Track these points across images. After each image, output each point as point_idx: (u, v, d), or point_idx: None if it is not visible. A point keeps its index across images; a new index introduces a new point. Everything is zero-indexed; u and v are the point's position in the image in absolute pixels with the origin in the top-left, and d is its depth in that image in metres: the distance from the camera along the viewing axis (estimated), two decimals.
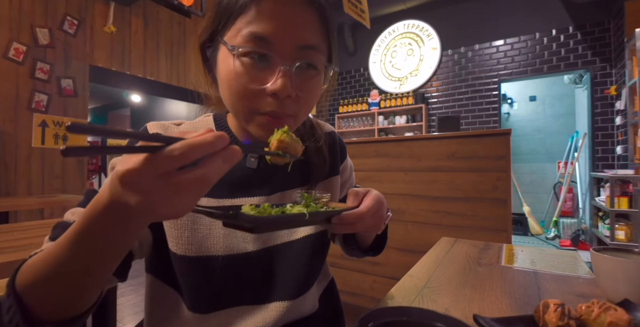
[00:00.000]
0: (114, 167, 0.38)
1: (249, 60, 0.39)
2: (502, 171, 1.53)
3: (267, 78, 0.39)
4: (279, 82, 0.39)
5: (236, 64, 0.39)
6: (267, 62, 0.39)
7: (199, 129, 0.43)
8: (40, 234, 0.94)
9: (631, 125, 2.95)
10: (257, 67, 0.39)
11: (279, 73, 0.39)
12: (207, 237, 0.44)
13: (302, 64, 0.40)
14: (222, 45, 0.41)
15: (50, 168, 2.54)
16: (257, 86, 0.39)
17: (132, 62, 3.11)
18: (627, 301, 0.44)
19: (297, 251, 0.50)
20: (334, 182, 0.55)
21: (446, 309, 0.47)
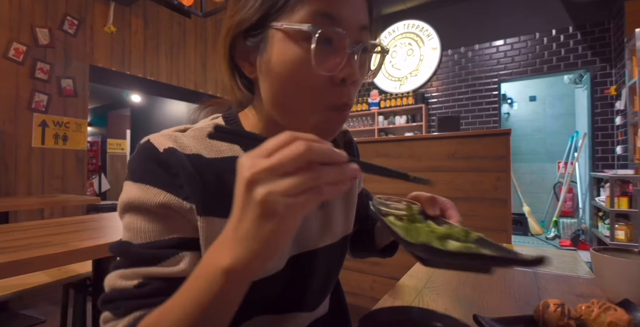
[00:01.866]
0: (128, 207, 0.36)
1: (315, 43, 0.33)
2: (502, 171, 1.53)
3: (335, 63, 0.35)
4: (347, 66, 0.35)
5: (303, 51, 0.34)
6: (332, 45, 0.35)
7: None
8: (40, 234, 0.94)
9: (631, 125, 2.95)
10: (324, 51, 0.34)
11: (346, 58, 0.35)
12: None
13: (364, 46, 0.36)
14: (277, 30, 0.35)
15: (50, 168, 2.54)
16: (328, 73, 0.34)
17: (132, 62, 3.11)
18: (627, 301, 0.44)
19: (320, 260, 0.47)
20: (353, 184, 0.53)
21: (446, 309, 0.47)
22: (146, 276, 0.34)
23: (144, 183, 0.35)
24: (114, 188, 6.49)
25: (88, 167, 3.38)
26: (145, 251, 0.34)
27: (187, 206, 0.36)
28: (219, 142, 0.40)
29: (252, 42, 0.38)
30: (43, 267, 0.72)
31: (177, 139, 0.39)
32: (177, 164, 0.36)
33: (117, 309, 0.33)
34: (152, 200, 0.35)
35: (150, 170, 0.36)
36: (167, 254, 0.35)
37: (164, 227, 0.35)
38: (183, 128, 0.43)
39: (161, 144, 0.37)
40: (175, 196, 0.35)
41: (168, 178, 0.36)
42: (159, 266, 0.34)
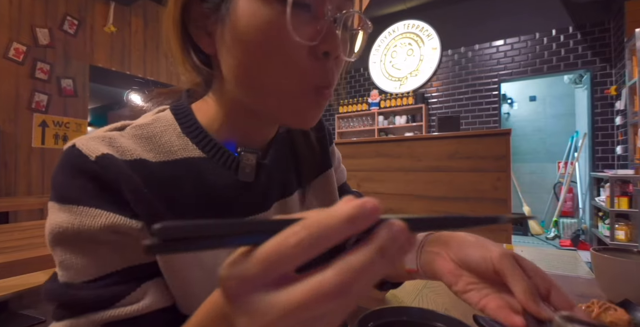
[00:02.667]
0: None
1: (289, 8, 0.27)
2: (502, 171, 1.53)
3: (313, 31, 0.28)
4: (330, 37, 0.28)
5: (276, 13, 0.27)
6: (310, 10, 0.28)
7: (156, 132, 0.32)
8: (40, 234, 0.94)
9: (631, 125, 2.95)
10: (301, 18, 0.28)
11: (327, 25, 0.28)
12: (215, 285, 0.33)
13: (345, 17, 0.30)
14: None
15: (50, 168, 2.54)
16: (306, 41, 0.28)
17: (132, 62, 3.11)
18: (626, 301, 0.44)
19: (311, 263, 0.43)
20: (329, 176, 0.47)
21: (446, 309, 0.47)
22: (105, 322, 0.26)
23: (75, 204, 0.27)
24: None
25: None
26: (94, 291, 0.26)
27: (137, 225, 0.28)
28: (168, 140, 0.32)
29: (211, 3, 0.30)
30: (43, 267, 0.72)
31: (112, 142, 0.30)
32: (116, 175, 0.28)
33: None
34: (92, 224, 0.26)
35: (80, 186, 0.27)
36: (126, 290, 0.27)
37: (112, 256, 0.28)
38: (120, 126, 0.34)
39: (92, 151, 0.28)
40: (120, 215, 0.27)
41: (106, 194, 0.28)
42: (118, 306, 0.27)
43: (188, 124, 0.34)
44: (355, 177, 1.92)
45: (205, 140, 0.34)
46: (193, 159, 0.33)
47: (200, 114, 0.35)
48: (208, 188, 0.33)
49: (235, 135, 0.35)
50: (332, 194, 0.47)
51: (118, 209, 0.28)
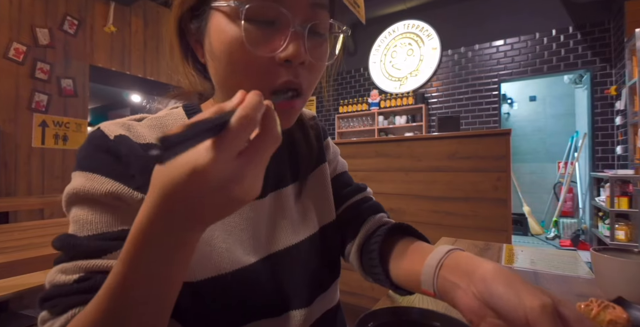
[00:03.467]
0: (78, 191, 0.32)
1: (255, 23, 0.32)
2: (502, 171, 1.53)
3: (276, 44, 0.32)
4: (291, 46, 0.32)
5: (238, 29, 0.32)
6: (275, 24, 0.33)
7: (168, 123, 0.39)
8: (40, 234, 0.94)
9: (631, 125, 2.95)
10: (264, 31, 0.32)
11: (290, 36, 0.32)
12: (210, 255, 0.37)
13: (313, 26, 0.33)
14: (216, 11, 0.33)
15: (50, 168, 2.54)
16: (267, 53, 0.32)
17: (132, 62, 3.11)
18: (621, 299, 0.44)
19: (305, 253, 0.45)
20: (323, 170, 0.51)
21: (446, 309, 0.47)
22: (88, 269, 0.30)
23: (90, 172, 0.33)
24: None
25: None
26: (91, 243, 0.31)
27: (138, 196, 0.33)
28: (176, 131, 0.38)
29: (196, 23, 0.36)
30: (43, 267, 0.72)
31: (130, 128, 0.36)
32: (128, 153, 0.34)
33: (54, 307, 0.29)
34: (99, 189, 0.32)
35: (98, 158, 0.34)
36: (115, 245, 0.31)
37: (112, 218, 0.33)
38: (139, 117, 0.40)
39: (112, 132, 0.35)
40: (125, 186, 0.33)
41: (117, 167, 0.33)
42: (103, 258, 0.31)
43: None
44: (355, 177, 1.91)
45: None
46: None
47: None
48: None
49: None
50: (326, 186, 0.50)
51: (124, 180, 0.33)
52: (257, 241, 0.42)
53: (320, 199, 0.50)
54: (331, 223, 0.50)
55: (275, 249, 0.44)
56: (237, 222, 0.41)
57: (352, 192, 0.54)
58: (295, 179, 0.48)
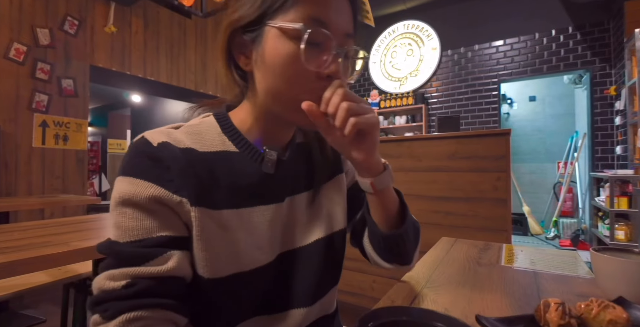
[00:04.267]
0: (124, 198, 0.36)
1: (304, 41, 0.38)
2: (502, 171, 1.53)
3: (321, 61, 0.39)
4: (333, 65, 0.39)
5: (295, 47, 0.38)
6: (320, 47, 0.40)
7: (203, 133, 0.43)
8: (40, 234, 0.94)
9: (630, 125, 2.95)
10: (313, 50, 0.39)
11: (332, 56, 0.40)
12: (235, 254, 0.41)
13: (346, 51, 0.41)
14: (273, 28, 0.39)
15: (50, 168, 2.54)
16: (314, 69, 0.39)
17: (133, 62, 3.11)
18: (621, 298, 0.44)
19: (310, 255, 0.48)
20: (339, 180, 0.54)
21: (446, 309, 0.47)
22: (134, 275, 0.34)
23: (134, 177, 0.37)
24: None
25: (88, 167, 3.38)
26: (133, 249, 0.35)
27: (177, 199, 0.37)
28: (211, 137, 0.43)
29: (250, 36, 0.42)
30: (43, 267, 0.72)
31: (170, 135, 0.41)
32: (169, 158, 0.38)
33: (105, 312, 0.33)
34: (142, 193, 0.36)
35: (141, 164, 0.37)
36: (156, 252, 0.35)
37: (152, 224, 0.36)
38: (176, 125, 0.45)
39: (155, 139, 0.39)
40: (165, 189, 0.37)
41: (159, 171, 0.37)
42: (146, 265, 0.34)
43: (226, 126, 0.45)
44: None
45: (238, 138, 0.44)
46: (228, 152, 0.43)
47: (235, 119, 0.46)
48: (238, 175, 0.43)
49: (260, 135, 0.46)
50: (341, 195, 0.54)
51: (165, 184, 0.37)
52: (274, 241, 0.46)
53: (332, 208, 0.53)
54: (340, 231, 0.53)
55: (285, 249, 0.47)
56: (261, 223, 0.44)
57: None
58: (310, 187, 0.51)
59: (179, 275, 0.36)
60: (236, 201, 0.42)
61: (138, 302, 0.33)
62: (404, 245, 0.50)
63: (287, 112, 0.42)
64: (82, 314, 1.33)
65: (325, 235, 0.50)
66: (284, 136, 0.48)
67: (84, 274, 1.26)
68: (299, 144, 0.52)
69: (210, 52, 3.89)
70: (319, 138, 0.54)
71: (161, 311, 0.34)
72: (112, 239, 0.37)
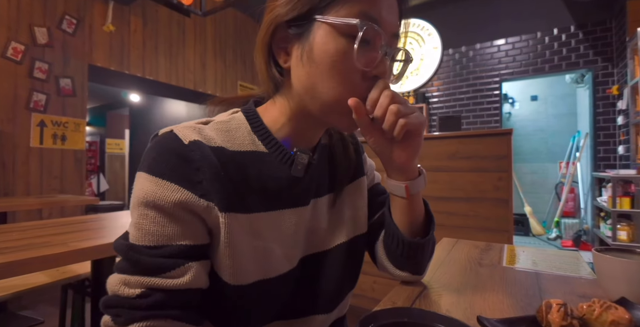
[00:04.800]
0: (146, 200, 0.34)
1: (359, 39, 0.36)
2: (503, 171, 1.52)
3: (371, 60, 0.38)
4: (381, 65, 0.38)
5: (346, 43, 0.36)
6: (369, 45, 0.38)
7: (232, 130, 0.42)
8: (38, 234, 0.93)
9: (633, 125, 2.94)
10: (364, 48, 0.37)
11: (381, 56, 0.38)
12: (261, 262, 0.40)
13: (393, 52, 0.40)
14: (323, 23, 0.37)
15: (48, 168, 2.54)
16: (365, 67, 0.37)
17: (131, 62, 3.10)
18: (623, 299, 0.43)
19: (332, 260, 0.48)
20: (361, 183, 0.54)
21: (447, 310, 0.46)
22: (150, 286, 0.33)
23: (162, 178, 0.35)
24: (112, 188, 6.49)
25: (87, 167, 3.38)
26: (151, 259, 0.34)
27: (204, 203, 0.35)
28: (241, 135, 0.42)
29: (295, 31, 0.39)
30: (42, 268, 0.72)
31: (201, 131, 0.39)
32: (201, 158, 0.36)
33: (118, 317, 0.33)
34: (168, 197, 0.34)
35: (170, 163, 0.35)
36: (173, 264, 0.34)
37: (174, 231, 0.35)
38: (205, 121, 0.43)
39: (186, 136, 0.37)
40: (192, 193, 0.35)
41: (188, 172, 0.35)
42: (163, 276, 0.34)
43: (256, 124, 0.43)
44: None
45: (269, 138, 0.42)
46: (258, 152, 0.42)
47: (265, 116, 0.44)
48: (267, 177, 0.41)
49: (291, 136, 0.44)
50: (362, 198, 0.53)
51: (192, 187, 0.35)
52: (298, 246, 0.45)
53: (354, 211, 0.52)
54: (362, 235, 0.52)
55: (308, 252, 0.47)
56: (288, 227, 0.43)
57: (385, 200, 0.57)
58: (332, 189, 0.50)
59: (194, 287, 0.36)
60: (265, 204, 0.41)
61: (151, 313, 0.33)
62: (422, 254, 0.49)
63: (325, 112, 0.40)
64: (80, 315, 1.33)
65: (347, 239, 0.50)
66: (314, 137, 0.47)
67: (83, 275, 1.25)
68: (323, 145, 0.50)
69: (210, 51, 3.89)
70: (343, 139, 0.53)
71: (172, 322, 0.34)
72: (130, 239, 0.35)
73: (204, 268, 0.37)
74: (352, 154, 0.54)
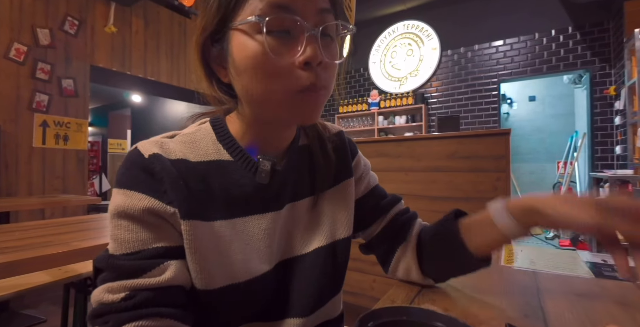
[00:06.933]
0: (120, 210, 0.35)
1: (273, 34, 0.35)
2: (501, 171, 1.53)
3: (295, 50, 0.36)
4: (308, 49, 0.35)
5: (259, 43, 0.35)
6: (291, 33, 0.36)
7: (197, 141, 0.42)
8: (41, 233, 0.94)
9: (630, 125, 2.95)
10: (283, 40, 0.36)
11: (306, 40, 0.35)
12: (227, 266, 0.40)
13: (323, 28, 0.37)
14: (235, 31, 0.37)
15: (51, 168, 2.55)
16: (288, 60, 0.35)
17: (133, 63, 3.11)
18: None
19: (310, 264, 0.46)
20: (347, 185, 0.52)
21: (446, 309, 0.47)
22: (132, 288, 0.34)
23: (128, 189, 0.36)
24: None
25: (89, 167, 3.38)
26: (130, 262, 0.34)
27: (170, 210, 0.36)
28: (205, 145, 0.42)
29: (218, 46, 0.39)
30: (44, 267, 0.72)
31: (163, 145, 0.39)
32: (161, 170, 0.37)
33: (106, 324, 0.33)
34: (137, 205, 0.35)
35: (135, 176, 0.37)
36: (152, 264, 0.35)
37: (148, 236, 0.36)
38: (171, 134, 0.43)
39: (147, 151, 0.38)
40: (159, 200, 0.36)
41: (152, 183, 0.36)
42: (144, 276, 0.34)
43: (222, 133, 0.43)
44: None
45: (234, 147, 0.43)
46: (223, 161, 0.42)
47: (231, 126, 0.44)
48: (232, 184, 0.41)
49: (256, 143, 0.44)
50: (346, 203, 0.51)
51: (158, 195, 0.36)
52: (271, 250, 0.44)
53: (337, 214, 0.50)
54: (343, 240, 0.50)
55: (285, 257, 0.46)
56: (256, 233, 0.43)
57: (390, 203, 0.57)
58: (312, 192, 0.49)
59: (177, 284, 0.36)
60: (230, 212, 0.41)
61: (138, 313, 0.33)
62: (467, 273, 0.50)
63: (273, 113, 0.39)
64: (82, 314, 1.33)
65: (326, 243, 0.48)
66: (281, 141, 0.46)
67: (85, 274, 1.26)
68: (301, 147, 0.49)
69: None
70: (320, 138, 0.51)
71: (161, 320, 0.34)
72: (109, 251, 0.36)
73: (184, 266, 0.37)
74: (330, 153, 0.51)
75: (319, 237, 0.48)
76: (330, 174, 0.50)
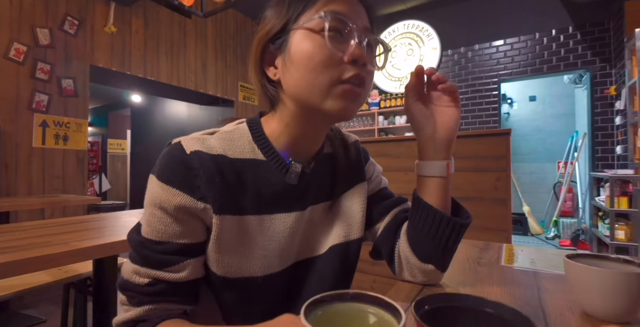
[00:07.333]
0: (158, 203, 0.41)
1: (329, 34, 0.41)
2: (502, 170, 1.53)
3: (346, 47, 0.42)
4: (357, 49, 0.42)
5: (320, 37, 0.41)
6: (343, 36, 0.42)
7: (235, 140, 0.46)
8: (40, 234, 0.94)
9: (631, 125, 2.95)
10: (337, 39, 0.42)
11: (355, 44, 0.42)
12: (247, 259, 0.45)
13: (368, 40, 0.44)
14: (298, 29, 0.42)
15: (50, 168, 2.55)
16: (340, 54, 0.41)
17: (133, 62, 3.11)
18: None
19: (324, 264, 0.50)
20: (360, 189, 0.56)
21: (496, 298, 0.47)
22: (155, 277, 0.41)
23: (166, 184, 0.41)
24: (114, 188, 6.49)
25: (88, 167, 3.38)
26: (157, 256, 0.41)
27: (201, 206, 0.41)
28: (242, 144, 0.46)
29: (276, 44, 0.44)
30: (44, 267, 0.72)
31: (204, 142, 0.44)
32: (199, 166, 0.41)
33: (132, 299, 0.41)
34: (171, 201, 0.40)
35: (174, 171, 0.41)
36: (173, 260, 0.41)
37: (176, 230, 0.41)
38: (211, 131, 0.48)
39: (189, 147, 0.42)
40: (191, 197, 0.41)
41: (188, 178, 0.41)
42: (165, 270, 0.41)
43: (257, 134, 0.47)
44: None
45: (267, 147, 0.47)
46: (257, 160, 0.46)
47: (266, 127, 0.48)
48: (263, 182, 0.46)
49: (289, 145, 0.48)
50: (359, 204, 0.55)
51: (191, 191, 0.41)
52: (292, 249, 0.48)
53: (350, 216, 0.54)
54: (356, 240, 0.53)
55: (302, 257, 0.50)
56: (282, 230, 0.47)
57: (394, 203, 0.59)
58: (330, 197, 0.53)
59: (190, 279, 0.43)
60: (259, 208, 0.45)
61: (156, 299, 0.41)
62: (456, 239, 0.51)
63: (319, 101, 0.42)
64: (82, 314, 1.33)
65: (340, 242, 0.51)
66: (312, 147, 0.50)
67: (84, 274, 1.26)
68: (326, 154, 0.54)
69: (210, 52, 3.89)
70: (345, 146, 0.56)
71: (173, 304, 0.42)
72: (142, 232, 0.42)
73: (199, 263, 0.44)
74: (353, 160, 0.56)
75: (333, 237, 0.52)
76: (350, 180, 0.55)
